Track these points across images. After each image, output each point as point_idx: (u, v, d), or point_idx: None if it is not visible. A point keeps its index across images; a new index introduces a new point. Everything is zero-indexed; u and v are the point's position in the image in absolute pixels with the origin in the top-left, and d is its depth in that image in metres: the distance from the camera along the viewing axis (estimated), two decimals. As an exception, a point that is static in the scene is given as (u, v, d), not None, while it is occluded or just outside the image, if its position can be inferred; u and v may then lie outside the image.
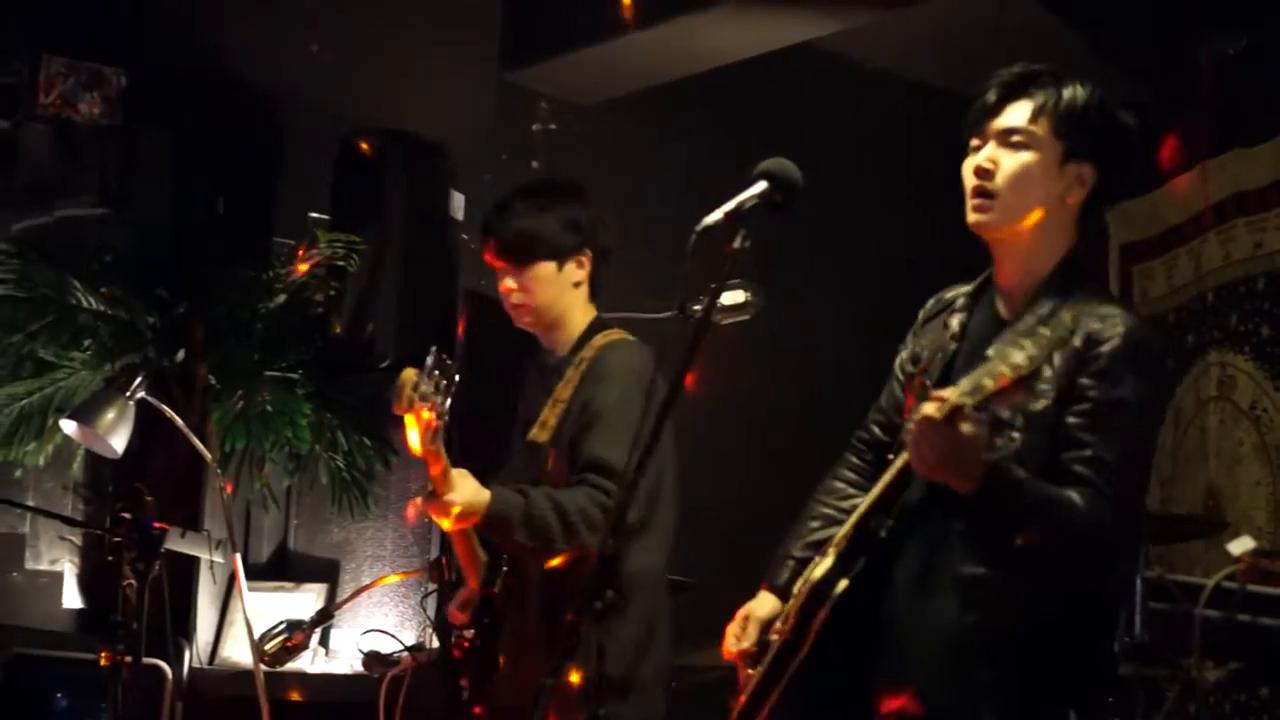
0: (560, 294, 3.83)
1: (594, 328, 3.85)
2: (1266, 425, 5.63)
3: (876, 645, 2.88)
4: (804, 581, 2.94)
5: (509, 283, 3.84)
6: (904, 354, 3.17)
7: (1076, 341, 2.76)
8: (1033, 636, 2.76)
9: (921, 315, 3.19)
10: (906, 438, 2.68)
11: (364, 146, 5.25)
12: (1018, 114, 2.92)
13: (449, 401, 3.48)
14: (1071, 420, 2.76)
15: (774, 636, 3.01)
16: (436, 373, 3.46)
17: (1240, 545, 3.73)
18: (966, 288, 3.09)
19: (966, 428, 2.59)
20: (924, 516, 2.86)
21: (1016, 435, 2.77)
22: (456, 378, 3.49)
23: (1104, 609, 2.89)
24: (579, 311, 3.86)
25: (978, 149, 2.94)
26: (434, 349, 3.51)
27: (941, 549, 2.83)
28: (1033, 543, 2.71)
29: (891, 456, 2.93)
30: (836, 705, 2.93)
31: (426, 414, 3.43)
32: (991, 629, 2.77)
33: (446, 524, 3.63)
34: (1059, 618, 2.77)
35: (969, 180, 2.93)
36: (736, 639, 3.08)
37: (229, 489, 4.58)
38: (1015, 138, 2.90)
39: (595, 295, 3.90)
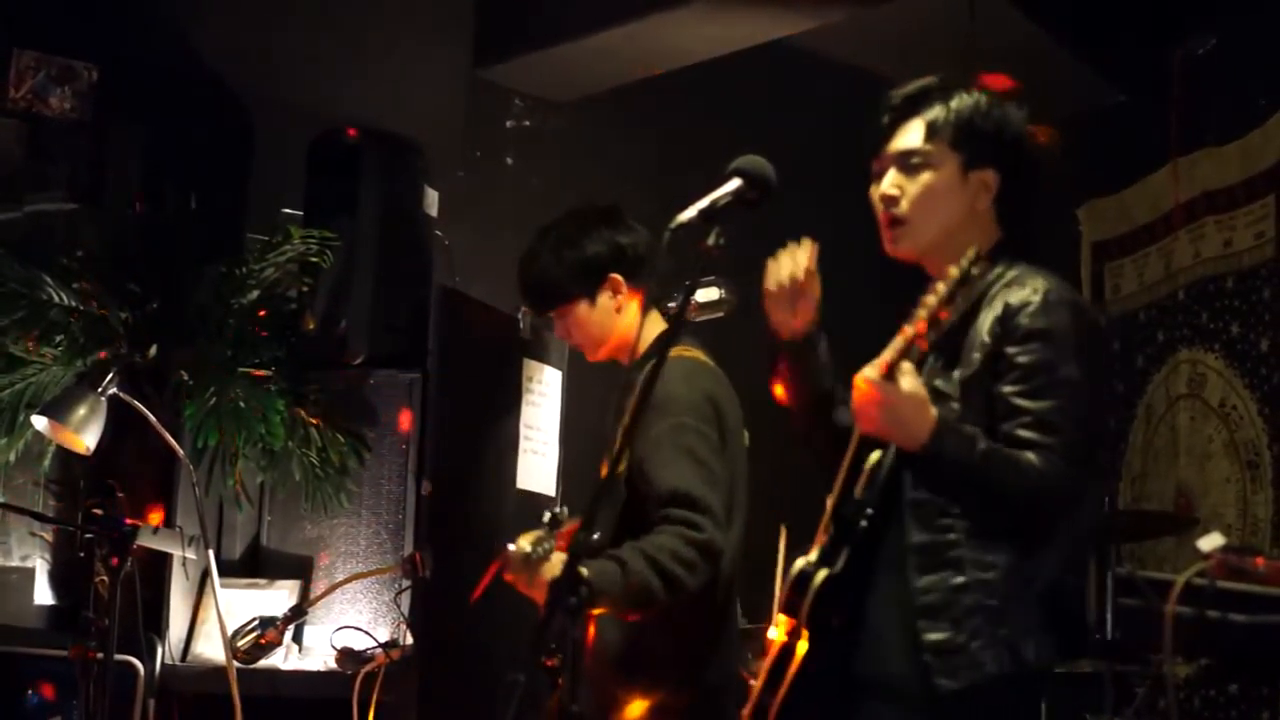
0: (605, 325, 3.81)
1: (661, 342, 3.67)
2: (1236, 423, 5.66)
3: (856, 627, 2.90)
4: (789, 576, 2.94)
5: (558, 327, 3.87)
6: None
7: (998, 308, 2.83)
8: (985, 599, 2.79)
9: None
10: (853, 406, 2.74)
11: (351, 133, 5.22)
12: (912, 135, 2.97)
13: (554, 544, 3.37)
14: (1007, 389, 2.81)
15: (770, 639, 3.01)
16: (552, 530, 3.34)
17: (1210, 542, 3.75)
18: None
19: (906, 381, 2.69)
20: (891, 497, 2.88)
21: (955, 406, 2.82)
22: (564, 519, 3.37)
23: (1068, 571, 2.92)
24: (644, 329, 3.75)
25: (879, 174, 2.99)
26: (550, 513, 3.35)
27: (901, 524, 2.86)
28: (984, 498, 2.76)
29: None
30: (827, 690, 2.93)
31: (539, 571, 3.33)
32: (937, 591, 2.80)
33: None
34: (1014, 580, 2.80)
35: (877, 209, 2.99)
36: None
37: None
38: (913, 159, 2.96)
39: (652, 306, 3.83)
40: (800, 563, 2.92)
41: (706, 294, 4.13)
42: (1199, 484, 5.80)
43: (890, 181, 2.97)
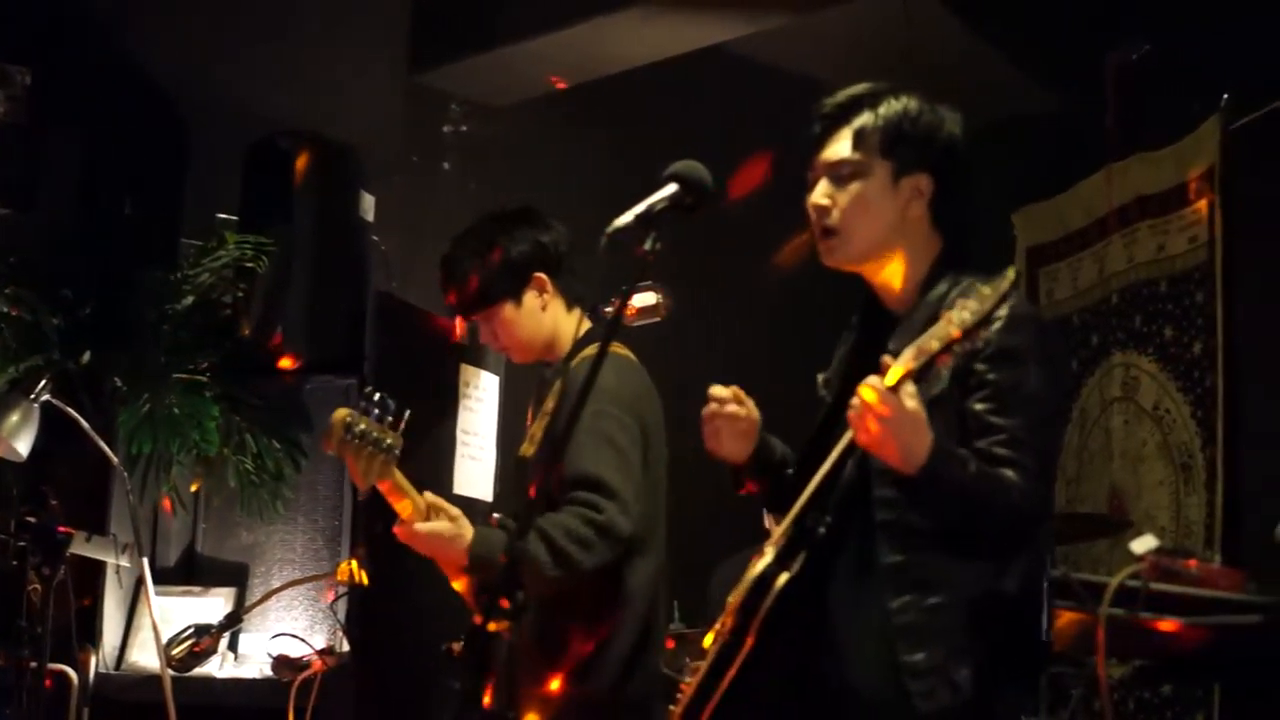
0: (533, 325, 3.83)
1: (586, 339, 3.77)
2: (1169, 425, 5.71)
3: (817, 638, 2.89)
4: (742, 581, 2.94)
5: (483, 332, 3.88)
6: (820, 379, 3.20)
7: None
8: (960, 617, 2.80)
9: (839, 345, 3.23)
10: (851, 414, 2.67)
11: (301, 160, 5.21)
12: (841, 145, 2.96)
13: (390, 440, 3.44)
14: (979, 407, 2.80)
15: (709, 642, 3.00)
16: (376, 411, 3.44)
17: (1143, 544, 3.77)
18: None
19: (911, 402, 2.63)
20: (856, 510, 2.88)
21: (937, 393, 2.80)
22: (405, 414, 3.47)
23: (1030, 584, 2.93)
24: (564, 326, 3.83)
25: (813, 184, 2.99)
26: (370, 390, 3.51)
27: (870, 541, 2.86)
28: (975, 519, 2.76)
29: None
30: (780, 703, 2.93)
31: (366, 455, 3.40)
32: (913, 612, 2.80)
33: (453, 583, 3.60)
34: (986, 597, 2.81)
35: (812, 220, 2.99)
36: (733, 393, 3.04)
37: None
38: (843, 170, 2.95)
39: (576, 302, 3.86)
40: (760, 565, 2.90)
41: (643, 299, 4.13)
42: (1133, 486, 5.85)
43: (820, 192, 2.96)
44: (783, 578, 2.85)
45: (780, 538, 2.92)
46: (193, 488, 5.15)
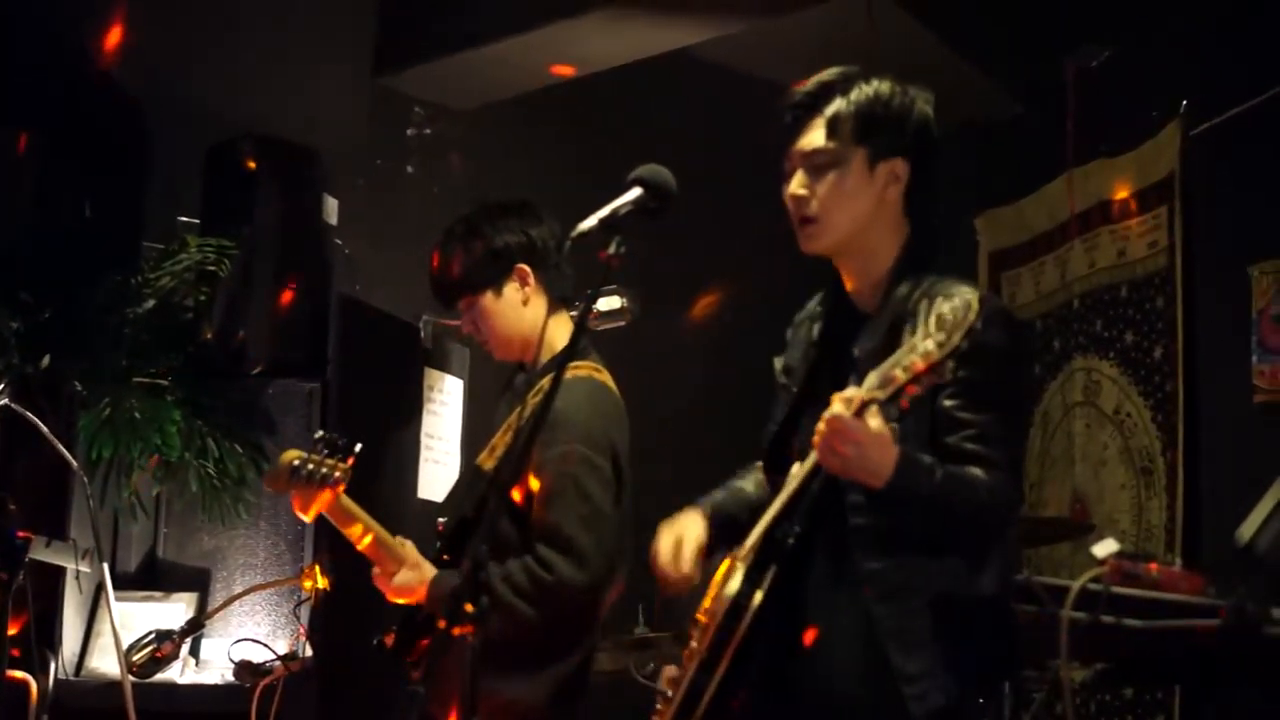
0: (513, 318, 3.79)
1: (567, 353, 3.54)
2: (1130, 430, 5.74)
3: (794, 647, 2.90)
4: (716, 600, 2.92)
5: (465, 321, 3.85)
6: (779, 365, 3.19)
7: (931, 323, 2.82)
8: (940, 619, 2.81)
9: (789, 331, 3.22)
10: (815, 439, 2.68)
11: (250, 164, 5.19)
12: (816, 134, 2.96)
13: (337, 472, 3.48)
14: (948, 403, 2.82)
15: (683, 662, 2.99)
16: (325, 452, 3.47)
17: (1105, 548, 3.78)
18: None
19: (875, 423, 2.64)
20: (827, 518, 2.89)
21: (895, 425, 2.79)
22: (351, 457, 3.54)
23: (1003, 586, 2.94)
24: (547, 329, 3.72)
25: (790, 173, 2.98)
26: (322, 433, 3.57)
27: (843, 547, 2.86)
28: (945, 522, 2.78)
29: (797, 463, 2.92)
30: (761, 712, 2.93)
31: (310, 491, 3.48)
32: (899, 616, 2.81)
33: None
34: (963, 599, 2.83)
35: (790, 210, 2.99)
36: (674, 561, 3.02)
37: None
38: (819, 159, 2.95)
39: (560, 304, 3.82)
40: (732, 588, 2.89)
41: (608, 302, 4.14)
42: (1094, 490, 5.88)
43: (798, 182, 2.96)
44: (757, 597, 2.85)
45: (749, 552, 2.92)
46: (151, 462, 5.08)
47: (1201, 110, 5.42)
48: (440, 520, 3.80)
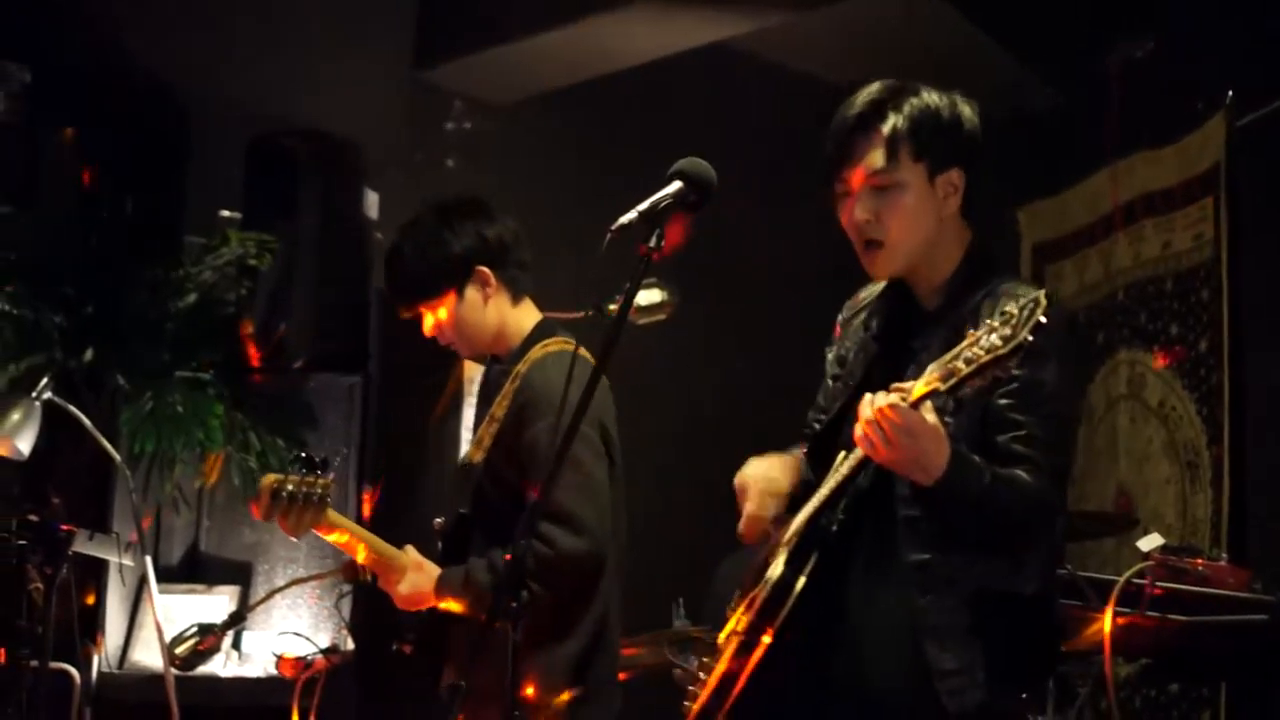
0: (476, 319, 3.79)
1: (535, 336, 3.77)
2: (1175, 423, 5.70)
3: (832, 636, 2.89)
4: (762, 584, 2.92)
5: (428, 325, 3.84)
6: (830, 355, 3.18)
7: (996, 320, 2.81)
8: (982, 616, 2.80)
9: (840, 319, 3.20)
10: (866, 429, 2.66)
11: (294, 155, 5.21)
12: (875, 155, 2.90)
13: (319, 490, 3.52)
14: (1002, 402, 2.79)
15: (722, 640, 2.99)
16: (303, 471, 3.49)
17: (1150, 542, 3.78)
18: (878, 285, 3.12)
19: (931, 416, 2.63)
20: (870, 507, 2.87)
21: (948, 420, 2.77)
22: (330, 479, 3.56)
23: (1050, 588, 2.93)
24: (511, 320, 3.79)
25: (844, 194, 2.93)
26: (301, 455, 3.59)
27: (888, 538, 2.85)
28: (990, 523, 2.76)
29: (844, 454, 2.90)
30: (796, 698, 2.93)
31: (296, 511, 3.51)
32: (941, 612, 2.79)
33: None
34: (1009, 598, 2.81)
35: (852, 234, 2.94)
36: (759, 502, 2.98)
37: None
38: (880, 180, 2.90)
39: (522, 295, 3.83)
40: (776, 571, 2.89)
41: (648, 296, 4.12)
42: (1139, 485, 5.84)
43: (862, 207, 2.90)
44: (800, 582, 2.85)
45: (792, 537, 2.91)
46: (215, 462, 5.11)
47: (1247, 101, 5.37)
48: (437, 520, 3.79)
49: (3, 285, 4.99)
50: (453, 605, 3.58)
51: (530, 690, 3.46)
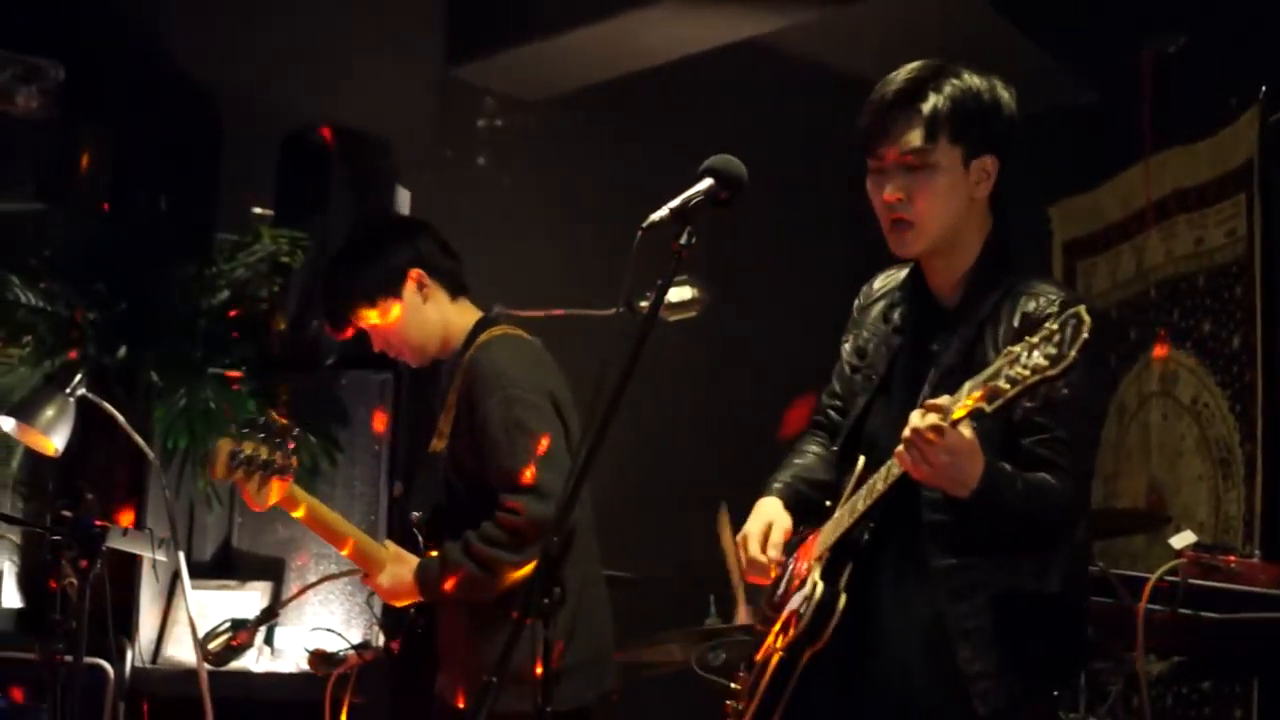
0: (419, 321, 3.87)
1: (479, 328, 3.86)
2: (1208, 420, 5.67)
3: (862, 640, 2.89)
4: (796, 598, 2.92)
5: (376, 340, 3.92)
6: (847, 345, 3.16)
7: (1015, 322, 2.81)
8: (1010, 617, 2.80)
9: (856, 305, 3.19)
10: (904, 448, 2.64)
11: (323, 132, 5.22)
12: (913, 134, 2.87)
13: (279, 460, 3.55)
14: (1027, 405, 2.77)
15: (760, 657, 2.99)
16: (262, 435, 3.53)
17: (1182, 540, 3.76)
18: (896, 272, 3.11)
19: (969, 433, 2.62)
20: (899, 514, 2.87)
21: (974, 423, 2.77)
22: (291, 442, 3.62)
23: (1076, 588, 2.92)
24: (454, 319, 3.89)
25: (877, 170, 2.91)
26: (268, 412, 3.64)
27: (915, 543, 2.85)
28: (1019, 530, 2.76)
29: (862, 457, 2.92)
30: (829, 702, 2.93)
31: (257, 479, 3.55)
32: (969, 615, 2.79)
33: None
34: (1034, 600, 2.81)
35: (881, 211, 2.93)
36: (764, 548, 3.01)
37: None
38: (915, 159, 2.87)
39: (460, 293, 3.91)
40: (817, 592, 2.88)
41: (679, 293, 4.12)
42: (1171, 482, 5.81)
43: (894, 185, 2.88)
44: (842, 600, 2.85)
45: (825, 550, 2.92)
46: None
47: (1281, 97, 5.35)
48: (414, 514, 3.82)
49: (37, 282, 5.02)
50: (437, 592, 3.65)
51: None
